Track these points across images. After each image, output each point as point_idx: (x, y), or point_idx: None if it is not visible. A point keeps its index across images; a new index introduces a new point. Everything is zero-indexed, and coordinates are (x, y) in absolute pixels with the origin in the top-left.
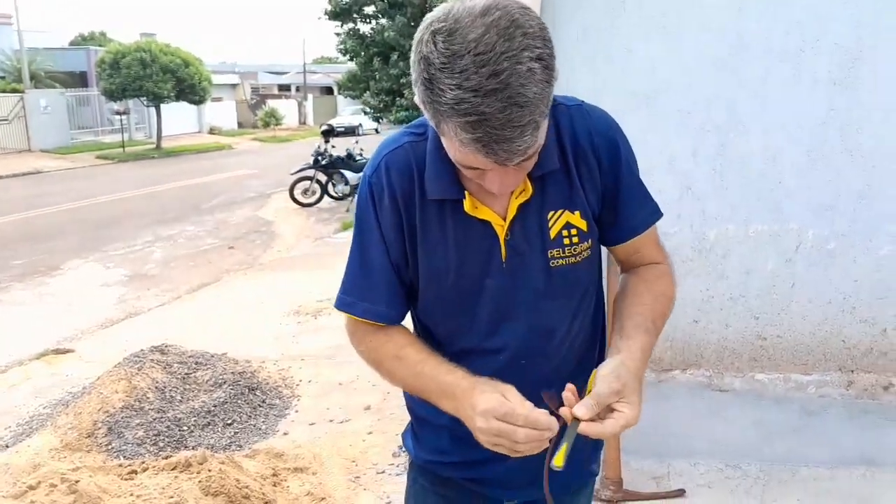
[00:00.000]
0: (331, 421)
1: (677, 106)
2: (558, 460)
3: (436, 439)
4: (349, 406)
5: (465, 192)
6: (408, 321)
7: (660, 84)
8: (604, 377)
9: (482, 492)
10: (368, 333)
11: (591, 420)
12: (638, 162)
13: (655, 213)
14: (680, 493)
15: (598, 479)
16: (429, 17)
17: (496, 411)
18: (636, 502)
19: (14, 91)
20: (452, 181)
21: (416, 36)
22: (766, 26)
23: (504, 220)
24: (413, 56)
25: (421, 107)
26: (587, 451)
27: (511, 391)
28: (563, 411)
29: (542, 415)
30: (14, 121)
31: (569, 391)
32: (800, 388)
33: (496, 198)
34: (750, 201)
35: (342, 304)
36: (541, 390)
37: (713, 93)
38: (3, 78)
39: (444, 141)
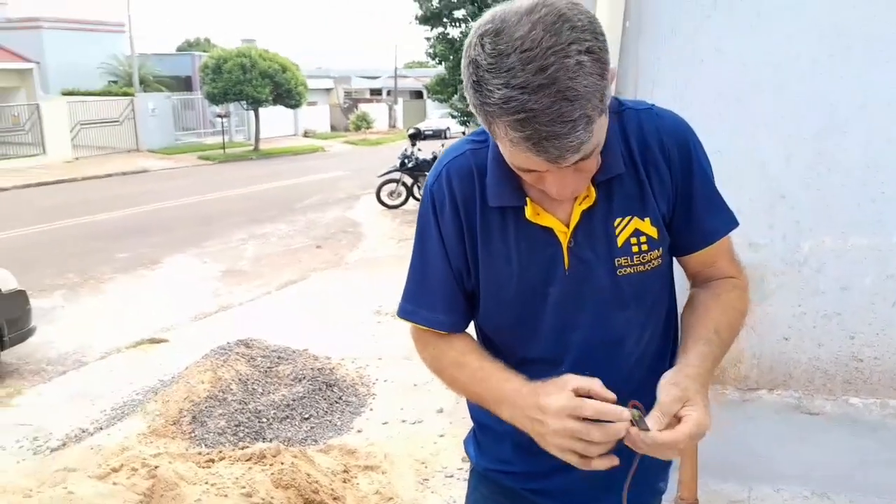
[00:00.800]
0: (404, 421)
1: (770, 109)
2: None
3: (498, 447)
4: (422, 407)
5: (527, 199)
6: (471, 329)
7: (751, 86)
8: (663, 387)
9: (543, 503)
10: (431, 341)
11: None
12: (726, 167)
13: (732, 222)
14: None
15: (673, 499)
16: (478, 21)
17: (567, 408)
18: None
19: (125, 94)
20: (514, 188)
21: (466, 41)
22: (869, 23)
23: (567, 226)
24: (463, 61)
25: (473, 111)
26: (655, 469)
27: (572, 381)
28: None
29: (613, 407)
30: (124, 122)
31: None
32: None
33: (559, 204)
34: (849, 212)
35: (403, 313)
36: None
37: (810, 95)
38: (115, 82)
39: (499, 145)
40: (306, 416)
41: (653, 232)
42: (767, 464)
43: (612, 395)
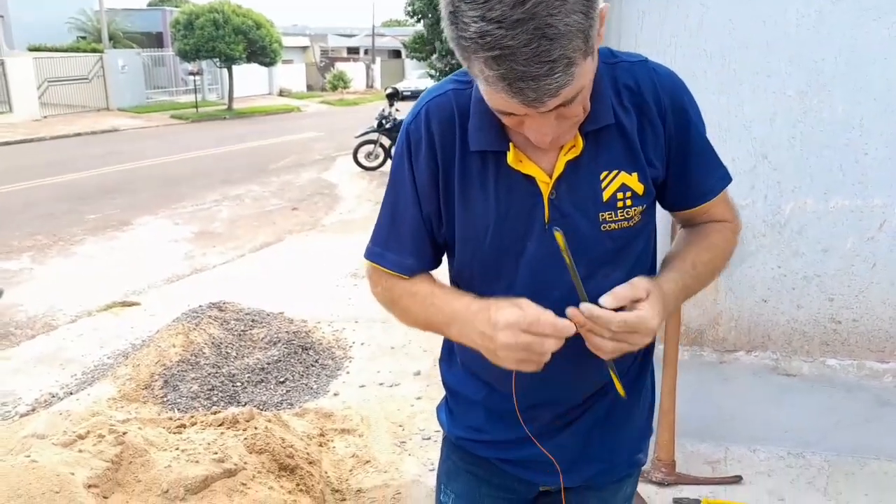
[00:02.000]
0: (381, 384)
1: (755, 67)
2: (620, 389)
3: (470, 416)
4: (399, 370)
5: (510, 144)
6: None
7: (737, 42)
8: (624, 284)
9: (516, 474)
10: (385, 277)
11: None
12: (709, 126)
13: (725, 179)
14: (736, 479)
15: (651, 460)
16: None
17: (520, 324)
18: (689, 486)
19: (94, 51)
20: (497, 132)
21: None
22: None
23: (550, 177)
24: None
25: (451, 46)
26: (633, 440)
27: (526, 302)
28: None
29: (566, 322)
30: (94, 80)
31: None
32: (874, 376)
33: (544, 153)
34: (831, 173)
35: (371, 255)
36: (586, 364)
37: (795, 53)
38: (84, 38)
39: (478, 84)
40: (282, 379)
41: (639, 188)
42: (744, 424)
43: (564, 322)
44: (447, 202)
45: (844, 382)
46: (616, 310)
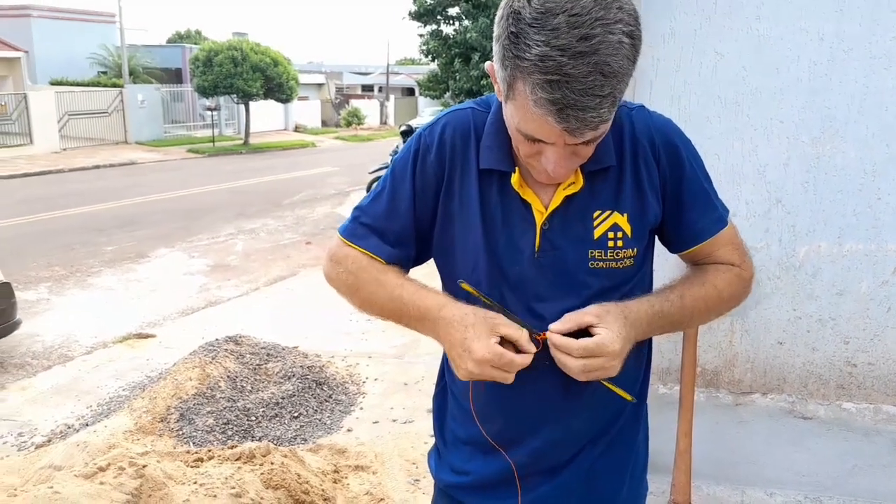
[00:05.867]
0: (394, 420)
1: (769, 113)
2: (625, 395)
3: (456, 454)
4: (413, 406)
5: (516, 168)
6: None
7: (750, 90)
8: (577, 310)
9: None
10: (352, 256)
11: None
12: (724, 170)
13: (719, 223)
14: None
15: (667, 502)
16: None
17: (493, 362)
18: None
19: (114, 86)
20: (506, 154)
21: None
22: (869, 30)
23: (546, 208)
24: (500, 12)
25: (497, 66)
26: (626, 500)
27: (501, 326)
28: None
29: (530, 358)
30: (113, 114)
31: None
32: (891, 420)
33: (544, 186)
34: (845, 217)
35: (352, 235)
36: (568, 394)
37: (808, 100)
38: (104, 73)
39: (509, 108)
40: (296, 414)
41: (628, 229)
42: (760, 468)
43: (533, 349)
44: (445, 213)
45: (861, 426)
46: (578, 334)
